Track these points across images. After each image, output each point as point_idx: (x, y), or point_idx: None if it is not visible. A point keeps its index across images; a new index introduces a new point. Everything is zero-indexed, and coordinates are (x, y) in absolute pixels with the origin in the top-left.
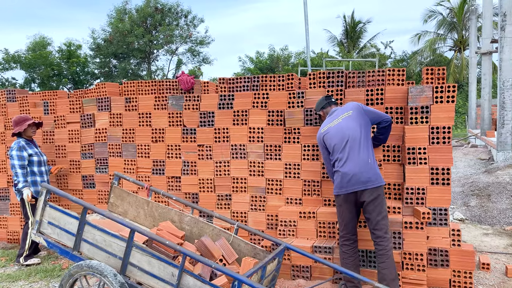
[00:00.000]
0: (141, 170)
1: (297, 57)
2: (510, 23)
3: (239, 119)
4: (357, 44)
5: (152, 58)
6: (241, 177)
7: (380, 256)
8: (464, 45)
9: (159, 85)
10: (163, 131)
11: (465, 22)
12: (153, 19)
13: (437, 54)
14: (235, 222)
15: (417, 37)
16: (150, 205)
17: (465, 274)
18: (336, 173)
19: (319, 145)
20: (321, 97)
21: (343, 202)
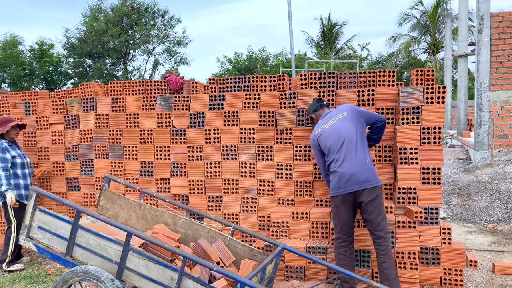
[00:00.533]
0: (129, 172)
1: (275, 58)
2: (487, 26)
3: (230, 119)
4: (334, 46)
5: (128, 58)
6: (232, 178)
7: (382, 256)
8: (438, 48)
9: (147, 85)
10: (151, 132)
11: (438, 25)
12: (129, 19)
13: (411, 56)
14: (231, 224)
15: (392, 40)
16: (142, 208)
17: (456, 272)
18: (332, 174)
19: (313, 148)
20: (313, 100)
21: (341, 203)
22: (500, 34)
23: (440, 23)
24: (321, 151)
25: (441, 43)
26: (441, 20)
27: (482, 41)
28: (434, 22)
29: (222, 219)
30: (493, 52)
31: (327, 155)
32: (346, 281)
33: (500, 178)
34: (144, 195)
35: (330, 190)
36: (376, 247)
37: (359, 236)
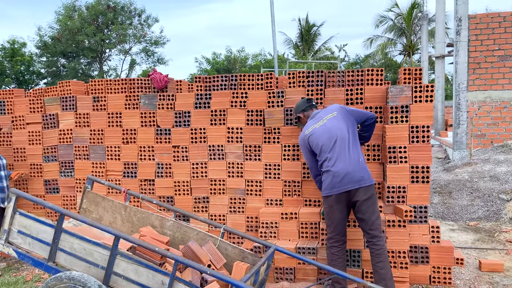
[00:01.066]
0: (111, 173)
1: (254, 59)
2: (465, 28)
3: (217, 118)
4: (312, 47)
5: (104, 57)
6: (219, 178)
7: (378, 256)
8: (413, 50)
9: (130, 84)
10: (135, 131)
11: (414, 27)
12: (105, 17)
13: (388, 58)
14: (221, 226)
15: (369, 41)
16: (128, 210)
17: (445, 270)
18: (325, 173)
19: (303, 148)
20: (302, 100)
21: (335, 202)
22: (477, 35)
23: (415, 26)
24: (312, 151)
25: (416, 45)
26: (416, 22)
27: (460, 43)
28: (410, 24)
29: (211, 221)
30: (470, 53)
31: (318, 155)
32: (338, 281)
33: (479, 177)
34: (130, 197)
35: (323, 190)
36: (371, 246)
37: (350, 236)
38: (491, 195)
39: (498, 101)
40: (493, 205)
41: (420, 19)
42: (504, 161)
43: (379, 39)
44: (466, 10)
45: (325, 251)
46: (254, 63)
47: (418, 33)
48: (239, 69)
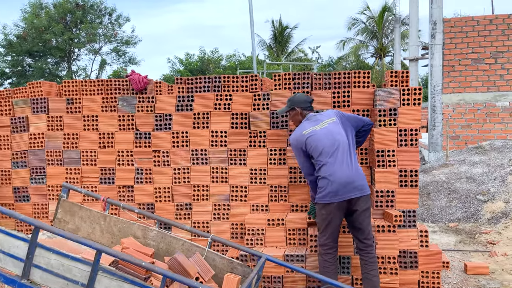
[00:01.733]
0: (87, 179)
1: (228, 59)
2: (440, 31)
3: (200, 122)
4: (285, 49)
5: (72, 57)
6: (202, 184)
7: (371, 264)
8: (384, 52)
9: (107, 85)
10: (112, 135)
11: (385, 30)
12: (73, 16)
13: (360, 60)
14: (209, 235)
15: (342, 43)
16: (108, 220)
17: (433, 274)
18: (324, 179)
19: (296, 149)
20: (304, 95)
21: (335, 210)
22: (452, 39)
23: (386, 29)
24: (306, 153)
25: (387, 47)
26: (387, 25)
27: (435, 46)
28: (381, 27)
29: (198, 230)
30: (445, 56)
31: (317, 157)
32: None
33: (456, 178)
34: (109, 206)
35: (321, 197)
36: (365, 255)
37: (340, 242)
38: (469, 196)
39: (471, 103)
40: (471, 206)
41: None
42: (479, 162)
43: (352, 42)
44: (441, 13)
45: (313, 258)
46: (228, 64)
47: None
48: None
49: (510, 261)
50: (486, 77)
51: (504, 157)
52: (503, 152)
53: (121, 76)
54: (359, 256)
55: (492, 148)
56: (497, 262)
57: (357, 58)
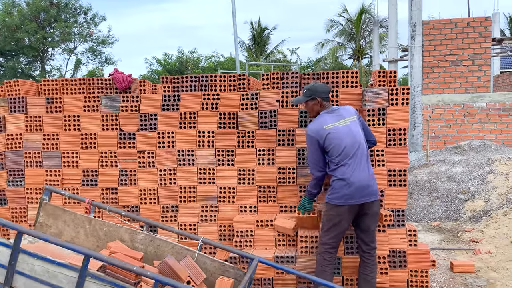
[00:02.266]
0: (68, 182)
1: (207, 60)
2: (419, 33)
3: (187, 121)
4: (264, 50)
5: (46, 57)
6: (189, 185)
7: (372, 266)
8: (362, 54)
9: (89, 84)
10: (95, 136)
11: (363, 32)
12: (47, 14)
13: (338, 62)
14: (199, 238)
15: (320, 45)
16: (93, 223)
17: (422, 273)
18: (340, 181)
19: (312, 141)
20: (324, 84)
21: (347, 212)
22: (431, 41)
23: (364, 31)
24: (323, 148)
25: (365, 49)
26: (364, 28)
27: (415, 47)
28: (359, 29)
29: (188, 233)
30: (424, 58)
31: (335, 157)
32: None
33: (437, 177)
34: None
35: (334, 198)
36: (368, 257)
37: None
38: (449, 195)
39: (450, 104)
40: (452, 205)
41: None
42: (459, 162)
43: (330, 43)
44: (420, 16)
45: (304, 260)
46: (207, 64)
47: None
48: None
49: (494, 259)
50: (464, 79)
51: (482, 157)
52: (481, 152)
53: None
54: (360, 257)
55: (471, 148)
56: (481, 260)
57: (335, 59)
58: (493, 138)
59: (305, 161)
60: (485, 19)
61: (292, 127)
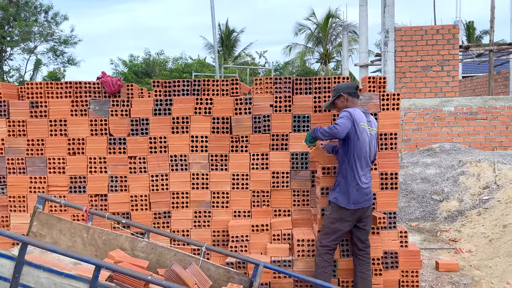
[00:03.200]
0: (54, 189)
1: (175, 62)
2: (392, 39)
3: (179, 126)
4: (232, 53)
5: (5, 57)
6: (182, 191)
7: (367, 265)
8: (329, 58)
9: (76, 87)
10: (83, 141)
11: (330, 37)
12: (6, 13)
13: (305, 66)
14: (203, 244)
15: (288, 49)
16: (91, 232)
17: (412, 274)
18: (354, 186)
19: (349, 118)
20: (347, 82)
21: (351, 215)
22: (403, 47)
23: (330, 35)
24: (353, 128)
25: (332, 54)
26: (331, 32)
27: (388, 53)
28: (326, 34)
29: (191, 240)
30: (397, 63)
31: (354, 156)
32: None
33: (412, 179)
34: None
35: (342, 201)
36: (363, 256)
37: None
38: (425, 196)
39: (421, 108)
40: (427, 206)
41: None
42: (432, 164)
43: (298, 47)
44: (393, 22)
45: (301, 263)
46: (175, 66)
47: (334, 42)
48: (159, 72)
49: (475, 257)
50: (434, 84)
51: (453, 159)
52: (451, 154)
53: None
54: (355, 257)
55: (442, 150)
56: (464, 258)
57: (303, 63)
58: (461, 140)
59: (298, 165)
60: (453, 26)
61: (286, 131)
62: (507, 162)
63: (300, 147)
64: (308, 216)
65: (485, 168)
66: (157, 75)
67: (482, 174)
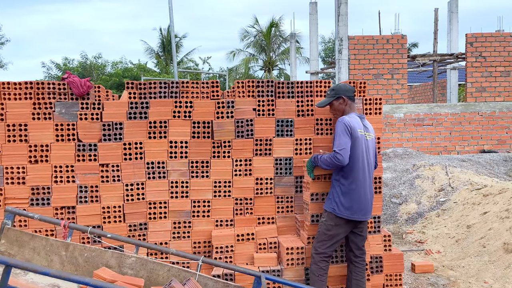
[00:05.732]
0: (12, 201)
1: (114, 66)
2: (346, 47)
3: (157, 131)
4: None
5: None
6: (160, 200)
7: (363, 272)
8: (272, 66)
9: (37, 88)
10: (46, 148)
11: (272, 45)
12: None
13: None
14: (199, 258)
15: (232, 55)
16: (70, 249)
17: (396, 277)
18: (350, 193)
19: (346, 131)
20: (347, 84)
21: (345, 224)
22: (356, 55)
23: (273, 43)
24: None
25: (275, 61)
26: (274, 40)
27: (342, 60)
28: (269, 42)
29: (186, 253)
30: (350, 71)
31: (351, 165)
32: None
33: None
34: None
35: (339, 210)
36: (360, 262)
37: None
38: (384, 200)
39: None
40: (388, 209)
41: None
42: (387, 168)
43: (242, 54)
44: (346, 31)
45: (290, 272)
46: (115, 71)
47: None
48: (97, 76)
49: (446, 257)
50: (385, 91)
51: (406, 163)
52: (404, 159)
53: None
54: (350, 264)
55: (395, 155)
56: (435, 259)
57: (248, 70)
58: (410, 145)
59: (281, 171)
60: (402, 37)
61: (269, 136)
62: (457, 165)
63: (284, 152)
64: (292, 223)
65: (438, 171)
66: (95, 80)
67: (436, 177)
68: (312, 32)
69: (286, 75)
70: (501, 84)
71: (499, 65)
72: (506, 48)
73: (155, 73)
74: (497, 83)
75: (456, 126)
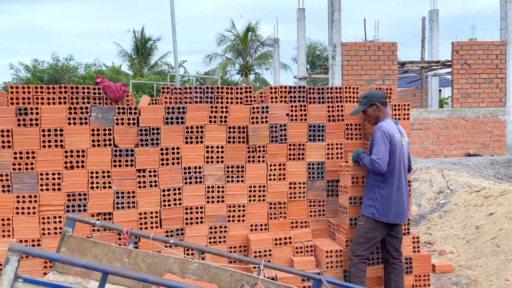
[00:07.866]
0: (47, 208)
1: (88, 68)
2: (339, 53)
3: (193, 136)
4: (148, 61)
5: None
6: (196, 205)
7: (401, 273)
8: (249, 70)
9: (72, 93)
10: (83, 153)
11: (249, 49)
12: None
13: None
14: (260, 262)
15: (208, 58)
16: (133, 255)
17: (424, 277)
18: (389, 197)
19: (385, 139)
20: (378, 90)
21: (383, 227)
22: (348, 61)
23: (250, 48)
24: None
25: (252, 66)
26: (251, 45)
27: (335, 66)
28: (246, 46)
29: (248, 258)
30: (344, 76)
31: (389, 170)
32: None
33: None
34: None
35: (377, 214)
36: (398, 264)
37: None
38: None
39: None
40: None
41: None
42: None
43: (219, 57)
44: (339, 38)
45: (329, 274)
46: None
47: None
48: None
49: (461, 257)
50: None
51: None
52: None
53: None
54: (388, 266)
55: None
56: (450, 260)
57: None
58: None
59: (314, 175)
60: (392, 44)
61: (302, 141)
62: (451, 168)
63: (316, 156)
64: (324, 226)
65: (435, 174)
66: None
67: (433, 180)
68: (300, 38)
69: (263, 80)
70: (485, 91)
71: (483, 72)
72: (490, 56)
73: (129, 76)
74: (481, 90)
75: (444, 131)
